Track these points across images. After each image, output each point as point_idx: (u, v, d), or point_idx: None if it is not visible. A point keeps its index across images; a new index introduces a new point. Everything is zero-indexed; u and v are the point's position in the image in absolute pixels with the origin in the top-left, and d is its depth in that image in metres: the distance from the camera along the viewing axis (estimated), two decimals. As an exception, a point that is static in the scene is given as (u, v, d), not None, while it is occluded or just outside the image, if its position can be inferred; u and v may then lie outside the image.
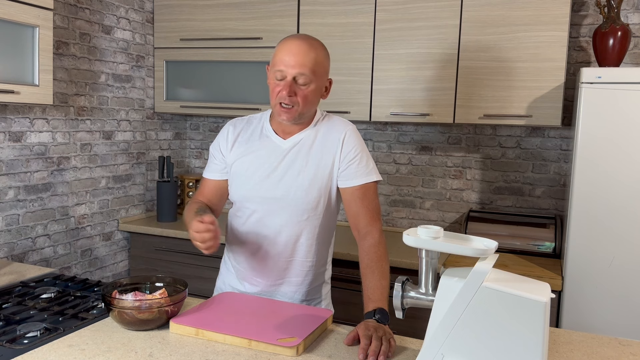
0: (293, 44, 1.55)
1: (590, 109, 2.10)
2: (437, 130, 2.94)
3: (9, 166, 2.34)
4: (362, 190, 1.63)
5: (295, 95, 1.55)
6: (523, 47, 2.41)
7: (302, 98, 1.56)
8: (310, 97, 1.58)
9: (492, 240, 1.13)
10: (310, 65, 1.54)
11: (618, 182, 2.08)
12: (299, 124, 1.64)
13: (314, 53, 1.55)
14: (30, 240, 2.46)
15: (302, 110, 1.58)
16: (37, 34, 2.02)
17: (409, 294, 1.22)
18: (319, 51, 1.58)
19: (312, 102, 1.60)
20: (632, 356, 1.35)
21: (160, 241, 2.89)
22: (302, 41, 1.56)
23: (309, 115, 1.65)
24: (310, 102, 1.59)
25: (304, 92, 1.56)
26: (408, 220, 3.03)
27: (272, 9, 2.81)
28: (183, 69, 3.06)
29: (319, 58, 1.57)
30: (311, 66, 1.54)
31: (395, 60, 2.62)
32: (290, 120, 1.59)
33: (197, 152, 3.51)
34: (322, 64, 1.59)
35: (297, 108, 1.57)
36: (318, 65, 1.56)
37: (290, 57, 1.53)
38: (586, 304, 2.15)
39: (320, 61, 1.58)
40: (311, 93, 1.57)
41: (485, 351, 1.07)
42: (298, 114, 1.58)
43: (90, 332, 1.39)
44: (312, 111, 1.65)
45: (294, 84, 1.55)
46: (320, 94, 1.63)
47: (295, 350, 1.29)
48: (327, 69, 1.62)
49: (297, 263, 1.68)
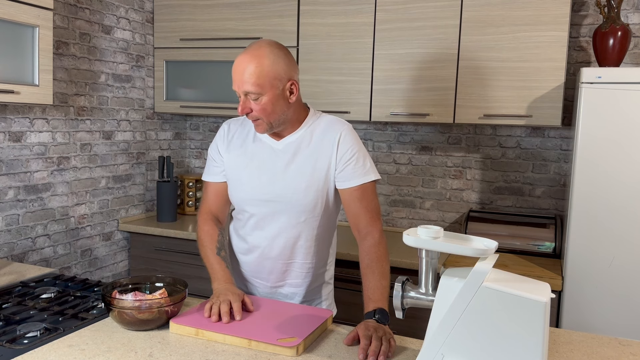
0: (236, 62, 1.52)
1: (590, 109, 2.10)
2: (437, 130, 2.93)
3: (9, 166, 2.34)
4: (360, 191, 1.62)
5: (252, 110, 1.53)
6: (523, 47, 2.41)
7: (260, 111, 1.53)
8: (268, 108, 1.53)
9: (492, 240, 1.13)
10: (252, 81, 1.49)
11: (618, 182, 2.08)
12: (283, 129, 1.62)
13: (254, 66, 1.49)
14: (30, 240, 2.46)
15: (268, 120, 1.55)
16: (37, 34, 2.02)
17: (409, 294, 1.22)
18: (262, 60, 1.49)
19: (274, 112, 1.54)
20: (632, 356, 1.35)
21: (160, 241, 2.89)
22: (243, 56, 1.51)
23: (287, 120, 1.60)
24: (272, 112, 1.54)
25: (258, 105, 1.52)
26: (408, 220, 3.03)
27: (272, 9, 2.81)
28: (183, 69, 3.06)
29: (262, 69, 1.49)
30: (253, 81, 1.49)
31: (395, 60, 2.62)
32: (264, 132, 1.59)
33: (197, 152, 3.51)
34: (267, 74, 1.50)
35: (262, 120, 1.55)
36: (262, 77, 1.49)
37: (235, 76, 1.52)
38: (586, 304, 2.15)
39: (265, 72, 1.49)
40: (267, 104, 1.52)
41: (485, 351, 1.07)
42: (267, 124, 1.56)
43: (90, 332, 1.39)
44: (287, 115, 1.58)
45: (248, 101, 1.53)
46: (283, 100, 1.55)
47: (295, 350, 1.29)
48: (276, 75, 1.51)
49: (296, 265, 1.68)
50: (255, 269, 1.70)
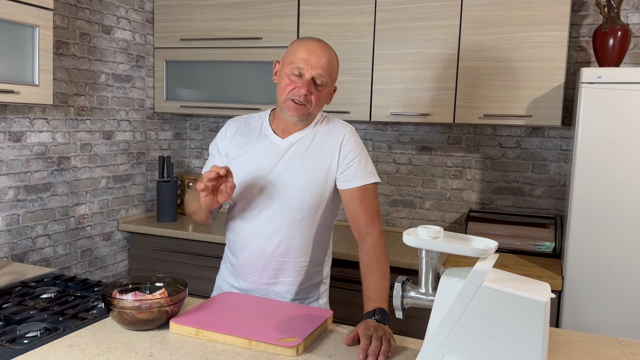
0: (314, 45, 1.59)
1: (590, 109, 2.10)
2: (437, 130, 2.93)
3: (9, 166, 2.34)
4: (361, 192, 1.63)
5: (311, 94, 1.57)
6: (523, 47, 2.41)
7: (316, 99, 1.59)
8: (322, 99, 1.62)
9: (492, 240, 1.13)
10: (328, 69, 1.59)
11: (618, 182, 2.08)
12: (301, 124, 1.65)
13: (331, 57, 1.61)
14: (30, 240, 2.46)
15: (312, 110, 1.61)
16: (37, 34, 2.02)
17: (409, 294, 1.22)
18: (334, 57, 1.63)
19: (321, 105, 1.64)
20: (632, 356, 1.35)
21: (160, 241, 2.89)
22: (322, 44, 1.61)
23: (313, 117, 1.67)
24: (321, 104, 1.63)
25: (319, 93, 1.59)
26: (408, 220, 3.03)
27: (272, 9, 2.81)
28: (183, 69, 3.06)
29: (334, 63, 1.63)
30: (329, 69, 1.59)
31: (395, 60, 2.62)
32: (299, 118, 1.60)
33: (197, 152, 3.51)
34: (336, 70, 1.65)
35: (309, 107, 1.59)
36: (334, 70, 1.62)
37: (312, 57, 1.56)
38: (586, 304, 2.15)
39: (335, 66, 1.64)
40: (324, 95, 1.62)
41: (485, 351, 1.07)
42: (308, 113, 1.61)
43: (90, 332, 1.39)
44: (317, 114, 1.68)
45: (311, 84, 1.57)
46: (327, 98, 1.67)
47: (295, 350, 1.29)
48: (337, 74, 1.67)
49: (290, 263, 1.68)
50: (249, 265, 1.70)
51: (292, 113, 1.59)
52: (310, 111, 1.61)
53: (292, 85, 1.57)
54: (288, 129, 1.66)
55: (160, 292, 1.49)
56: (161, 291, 1.49)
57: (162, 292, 1.49)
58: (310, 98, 1.57)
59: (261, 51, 2.84)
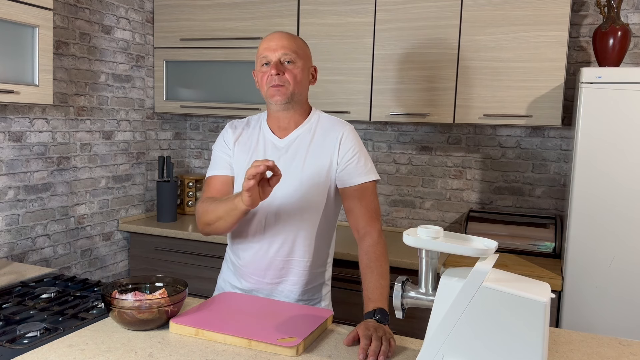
0: (273, 35, 1.64)
1: (590, 109, 2.10)
2: (437, 130, 2.93)
3: (9, 166, 2.34)
4: (360, 190, 1.63)
5: (284, 74, 1.59)
6: (523, 47, 2.41)
7: (292, 77, 1.60)
8: (298, 77, 1.61)
9: (492, 240, 1.13)
10: (291, 47, 1.60)
11: (618, 182, 2.08)
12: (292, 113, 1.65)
13: (293, 38, 1.63)
14: (30, 240, 2.46)
15: (293, 89, 1.60)
16: (37, 34, 2.02)
17: (409, 294, 1.22)
18: (298, 38, 1.66)
19: (301, 83, 1.62)
20: (632, 356, 1.35)
21: (160, 241, 2.89)
22: (283, 32, 1.65)
23: (301, 101, 1.66)
24: (300, 82, 1.62)
25: (292, 71, 1.60)
26: (408, 220, 3.03)
27: (272, 9, 2.81)
28: (183, 69, 3.06)
29: (298, 42, 1.64)
30: (293, 48, 1.61)
31: (395, 60, 2.62)
32: (283, 100, 1.60)
33: (197, 152, 3.51)
34: (303, 48, 1.65)
35: (288, 87, 1.60)
36: (299, 48, 1.63)
37: (271, 43, 1.60)
38: (586, 304, 2.15)
39: (300, 44, 1.64)
40: (299, 72, 1.61)
41: (485, 351, 1.07)
42: (290, 92, 1.60)
43: (90, 332, 1.39)
44: (304, 95, 1.67)
45: (280, 65, 1.59)
46: (308, 77, 1.66)
47: (295, 350, 1.29)
48: (308, 54, 1.67)
49: (294, 263, 1.68)
50: (253, 265, 1.70)
51: (275, 97, 1.60)
52: (292, 90, 1.60)
53: (265, 76, 1.60)
54: (284, 125, 1.66)
55: (160, 292, 1.49)
56: (161, 291, 1.49)
57: (162, 292, 1.49)
58: (284, 78, 1.58)
59: (261, 51, 2.84)
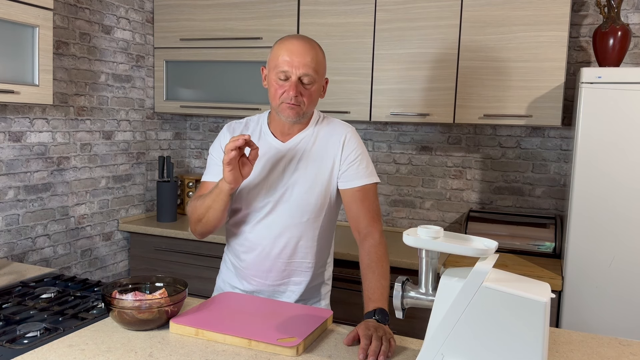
0: (294, 45, 1.56)
1: (590, 109, 2.10)
2: (437, 130, 2.93)
3: (9, 166, 2.34)
4: (362, 192, 1.63)
5: (302, 95, 1.56)
6: (523, 47, 2.41)
7: (307, 97, 1.58)
8: (314, 96, 1.61)
9: (492, 240, 1.13)
10: (313, 66, 1.56)
11: (618, 182, 2.08)
12: (299, 124, 1.65)
13: (315, 53, 1.58)
14: (30, 240, 2.46)
15: (306, 109, 1.60)
16: (37, 34, 2.02)
17: (409, 294, 1.22)
18: (319, 51, 1.61)
19: (315, 101, 1.62)
20: (632, 356, 1.35)
21: (160, 241, 2.89)
22: (303, 41, 1.58)
23: (309, 115, 1.67)
24: (314, 101, 1.62)
25: (309, 91, 1.58)
26: (408, 220, 3.03)
27: (272, 9, 2.81)
28: (183, 69, 3.06)
29: (319, 57, 1.60)
30: (314, 66, 1.56)
31: (395, 60, 2.62)
32: (295, 118, 1.60)
33: (197, 152, 3.51)
34: (322, 63, 1.62)
35: (303, 107, 1.58)
36: (319, 65, 1.59)
37: (294, 58, 1.54)
38: (586, 304, 2.15)
39: (321, 60, 1.60)
40: (315, 92, 1.60)
41: (485, 351, 1.07)
42: (303, 112, 1.60)
43: (90, 332, 1.39)
44: (312, 111, 1.67)
45: (299, 84, 1.56)
46: (320, 93, 1.65)
47: (295, 350, 1.29)
48: (325, 67, 1.65)
49: (296, 264, 1.68)
50: (255, 267, 1.70)
51: (288, 114, 1.58)
52: (305, 110, 1.60)
53: (281, 90, 1.56)
54: (287, 130, 1.66)
55: (160, 292, 1.49)
56: (161, 291, 1.49)
57: (162, 292, 1.49)
58: (301, 99, 1.57)
59: (261, 51, 2.84)
